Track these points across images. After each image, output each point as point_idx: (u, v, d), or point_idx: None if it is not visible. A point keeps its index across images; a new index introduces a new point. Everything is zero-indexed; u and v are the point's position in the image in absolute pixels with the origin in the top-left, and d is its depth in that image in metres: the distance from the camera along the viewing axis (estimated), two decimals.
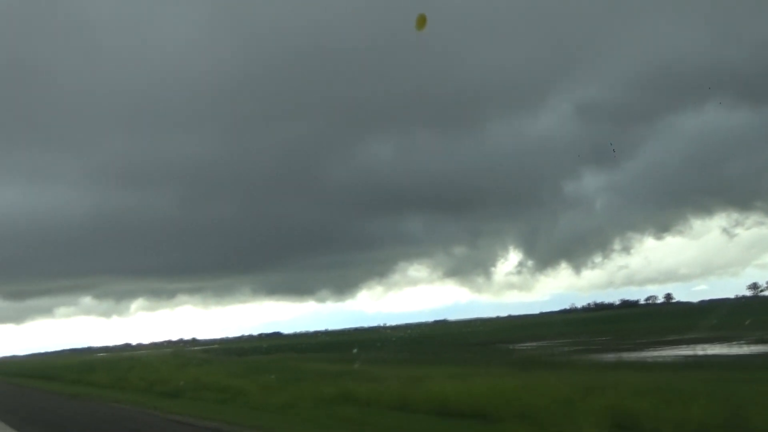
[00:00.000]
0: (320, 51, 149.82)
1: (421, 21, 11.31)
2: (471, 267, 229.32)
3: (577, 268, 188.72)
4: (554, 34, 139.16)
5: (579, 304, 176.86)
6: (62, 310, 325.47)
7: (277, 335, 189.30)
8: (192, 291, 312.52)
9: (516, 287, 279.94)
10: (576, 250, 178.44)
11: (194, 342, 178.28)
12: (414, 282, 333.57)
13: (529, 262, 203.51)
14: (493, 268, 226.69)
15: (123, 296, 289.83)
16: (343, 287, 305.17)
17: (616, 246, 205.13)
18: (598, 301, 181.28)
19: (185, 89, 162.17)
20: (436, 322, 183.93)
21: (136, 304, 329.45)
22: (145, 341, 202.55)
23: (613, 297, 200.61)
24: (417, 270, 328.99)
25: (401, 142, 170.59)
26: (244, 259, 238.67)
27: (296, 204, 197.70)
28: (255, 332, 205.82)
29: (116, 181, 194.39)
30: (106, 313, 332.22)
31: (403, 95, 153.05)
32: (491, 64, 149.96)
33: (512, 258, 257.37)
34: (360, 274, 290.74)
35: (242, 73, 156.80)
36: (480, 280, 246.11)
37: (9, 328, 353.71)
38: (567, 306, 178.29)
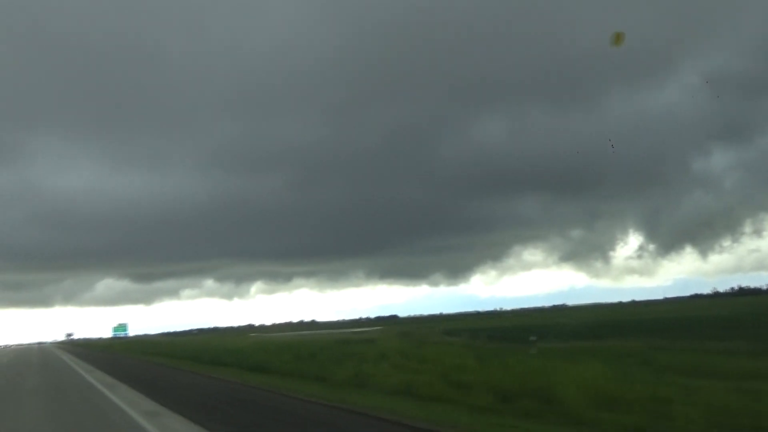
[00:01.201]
0: (426, 26, 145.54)
1: (619, 38, 12.00)
2: (588, 251, 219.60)
3: (703, 252, 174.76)
4: None
5: (704, 290, 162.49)
6: (187, 292, 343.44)
7: (393, 318, 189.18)
8: (307, 274, 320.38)
9: (636, 272, 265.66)
10: (702, 232, 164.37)
11: (314, 324, 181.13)
12: (528, 266, 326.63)
13: (651, 246, 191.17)
14: (611, 252, 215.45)
15: (242, 279, 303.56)
16: (456, 271, 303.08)
17: (747, 228, 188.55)
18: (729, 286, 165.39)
19: (293, 72, 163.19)
20: (555, 307, 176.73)
21: (255, 286, 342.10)
22: (267, 323, 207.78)
23: (743, 282, 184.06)
24: (532, 254, 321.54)
25: (515, 119, 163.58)
26: (357, 243, 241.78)
27: (408, 186, 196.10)
28: (370, 315, 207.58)
29: (232, 166, 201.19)
30: (228, 296, 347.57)
31: (516, 68, 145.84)
32: (609, 31, 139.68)
33: (632, 241, 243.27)
34: (473, 258, 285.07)
35: (347, 52, 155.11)
36: (598, 264, 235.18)
37: (139, 308, 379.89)
38: (692, 292, 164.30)
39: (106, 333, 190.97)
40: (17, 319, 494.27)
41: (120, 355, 55.08)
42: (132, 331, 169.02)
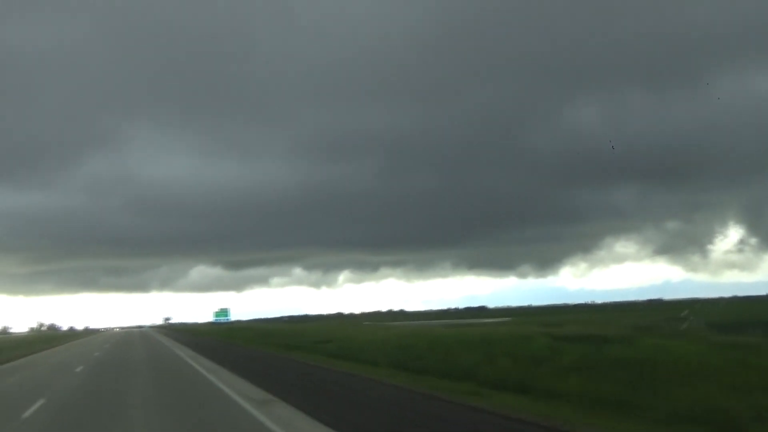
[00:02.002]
0: (517, 6, 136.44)
1: None
2: (685, 244, 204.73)
3: None
4: None
5: None
6: (276, 279, 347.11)
7: (482, 309, 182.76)
8: (394, 264, 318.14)
9: (736, 266, 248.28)
10: None
11: (403, 314, 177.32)
12: (620, 259, 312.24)
13: (753, 239, 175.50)
14: (710, 246, 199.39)
15: (330, 268, 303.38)
16: (545, 263, 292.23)
17: None
18: None
19: (381, 58, 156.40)
20: (651, 302, 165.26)
21: (343, 275, 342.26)
22: (355, 311, 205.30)
23: None
24: (624, 246, 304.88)
25: (610, 104, 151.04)
26: (444, 233, 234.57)
27: (497, 174, 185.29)
28: (458, 306, 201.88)
29: (321, 154, 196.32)
30: (316, 284, 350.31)
31: (614, 49, 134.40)
32: (717, 8, 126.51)
33: (732, 234, 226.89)
34: (563, 249, 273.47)
35: (435, 35, 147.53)
36: (695, 258, 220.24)
37: (231, 295, 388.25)
38: None
39: (203, 317, 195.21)
40: (118, 303, 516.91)
41: (234, 345, 47.51)
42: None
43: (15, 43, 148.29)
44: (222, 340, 59.38)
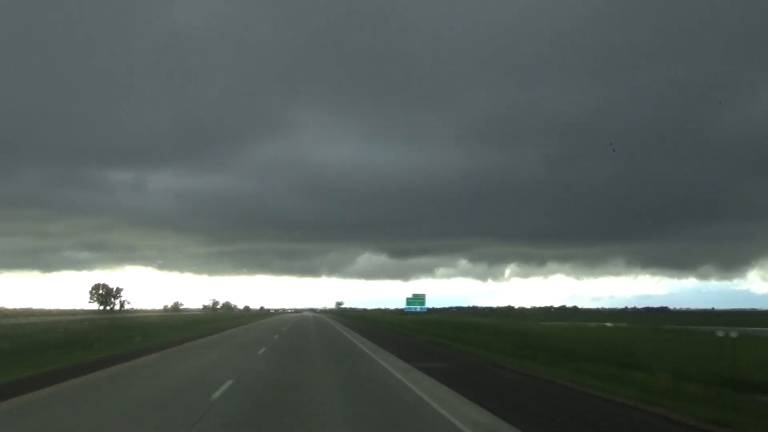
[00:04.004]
0: None
1: None
2: None
3: None
4: None
5: None
6: (441, 270, 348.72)
7: (664, 311, 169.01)
8: (562, 259, 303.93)
9: None
10: None
11: (577, 311, 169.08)
12: None
13: None
14: None
15: (496, 260, 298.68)
16: (730, 263, 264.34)
17: None
18: None
19: (553, 33, 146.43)
20: None
21: (510, 269, 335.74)
22: (525, 305, 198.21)
23: None
24: None
25: None
26: (617, 227, 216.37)
27: (678, 162, 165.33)
28: (628, 305, 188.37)
29: (488, 138, 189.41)
30: (482, 276, 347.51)
31: None
32: None
33: None
34: (752, 250, 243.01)
35: (613, 6, 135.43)
36: None
37: (397, 284, 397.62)
38: None
39: (371, 304, 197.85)
40: (290, 285, 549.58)
41: (449, 347, 32.67)
42: (391, 305, 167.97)
43: (183, 24, 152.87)
44: (427, 338, 41.93)
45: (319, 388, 16.00)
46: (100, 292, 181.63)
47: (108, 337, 34.98)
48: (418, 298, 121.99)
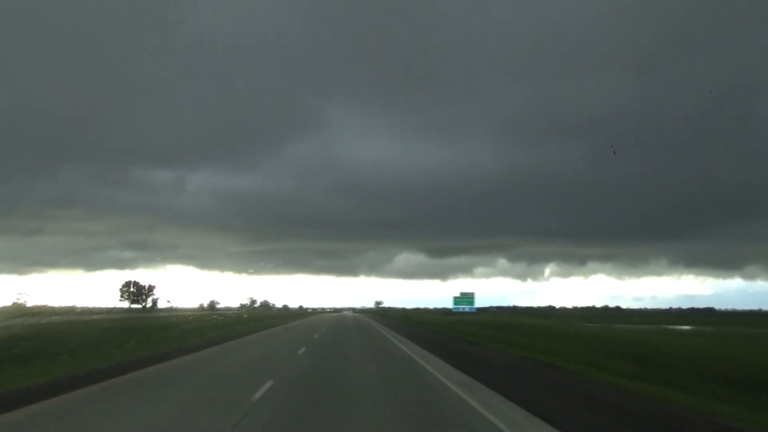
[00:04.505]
0: None
1: None
2: None
3: None
4: None
5: None
6: (480, 270, 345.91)
7: (711, 312, 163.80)
8: (603, 258, 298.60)
9: None
10: None
11: (620, 311, 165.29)
12: None
13: None
14: None
15: (535, 259, 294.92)
16: None
17: None
18: None
19: (591, 24, 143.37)
20: None
21: (549, 268, 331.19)
22: (567, 305, 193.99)
23: None
24: None
25: None
26: (659, 226, 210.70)
27: (723, 158, 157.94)
28: (671, 306, 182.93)
29: (525, 135, 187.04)
30: (521, 276, 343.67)
31: None
32: None
33: None
34: None
35: None
36: None
37: (435, 283, 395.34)
38: None
39: (409, 303, 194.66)
40: (329, 284, 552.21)
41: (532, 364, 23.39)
42: (430, 305, 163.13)
43: (218, 23, 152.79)
44: (501, 347, 32.58)
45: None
46: (131, 289, 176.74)
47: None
48: (467, 297, 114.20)
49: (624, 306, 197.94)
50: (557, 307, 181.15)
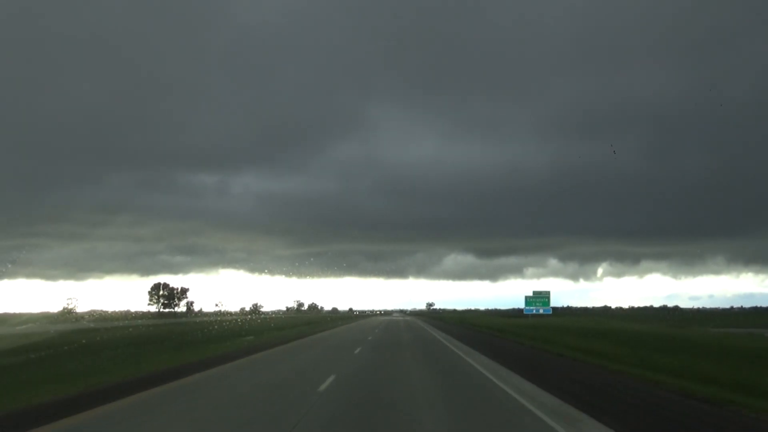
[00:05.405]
0: None
1: None
2: None
3: None
4: None
5: None
6: (531, 270, 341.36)
7: None
8: (657, 257, 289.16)
9: None
10: None
11: (679, 311, 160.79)
12: None
13: None
14: None
15: (587, 259, 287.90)
16: None
17: None
18: None
19: (642, 10, 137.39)
20: None
21: (602, 268, 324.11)
22: (622, 305, 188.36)
23: None
24: None
25: None
26: (717, 222, 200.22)
27: None
28: (732, 305, 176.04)
29: (574, 130, 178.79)
30: (573, 276, 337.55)
31: None
32: None
33: None
34: None
35: None
36: None
37: (485, 284, 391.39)
38: None
39: (460, 305, 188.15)
40: (377, 287, 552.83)
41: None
42: (481, 306, 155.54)
43: (258, 23, 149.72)
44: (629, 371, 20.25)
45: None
46: (162, 292, 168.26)
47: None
48: (541, 297, 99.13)
49: (683, 306, 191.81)
50: (613, 307, 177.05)
